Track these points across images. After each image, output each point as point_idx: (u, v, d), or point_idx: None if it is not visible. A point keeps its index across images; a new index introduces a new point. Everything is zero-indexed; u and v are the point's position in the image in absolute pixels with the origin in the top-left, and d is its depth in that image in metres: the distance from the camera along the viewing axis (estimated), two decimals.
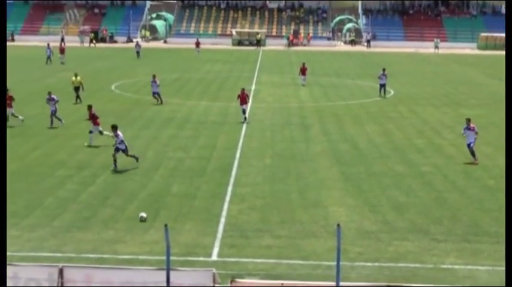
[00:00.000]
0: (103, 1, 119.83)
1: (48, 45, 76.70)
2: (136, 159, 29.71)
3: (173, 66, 74.31)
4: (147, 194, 25.64)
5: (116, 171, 28.66)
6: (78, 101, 46.43)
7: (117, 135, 29.18)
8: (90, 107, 34.88)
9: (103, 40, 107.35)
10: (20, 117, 38.51)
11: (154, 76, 47.72)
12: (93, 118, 34.13)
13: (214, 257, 19.51)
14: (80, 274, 15.76)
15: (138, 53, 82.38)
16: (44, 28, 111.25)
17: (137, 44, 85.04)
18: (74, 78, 47.31)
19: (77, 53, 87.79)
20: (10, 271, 15.57)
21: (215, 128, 38.69)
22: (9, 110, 37.72)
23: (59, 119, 38.06)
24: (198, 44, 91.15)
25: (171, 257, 15.23)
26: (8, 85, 39.24)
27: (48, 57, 74.11)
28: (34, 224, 21.91)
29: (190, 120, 41.09)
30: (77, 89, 46.93)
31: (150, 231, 21.49)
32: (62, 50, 75.69)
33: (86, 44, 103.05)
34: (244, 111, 40.28)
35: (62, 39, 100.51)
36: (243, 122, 39.67)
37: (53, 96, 38.64)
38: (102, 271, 15.92)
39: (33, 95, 49.09)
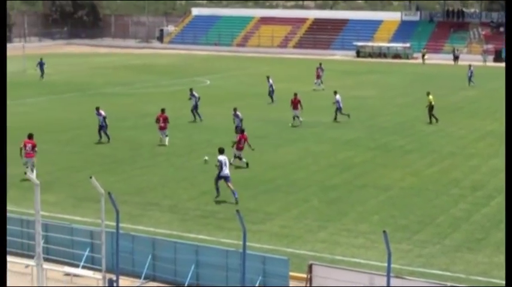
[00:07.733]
0: None
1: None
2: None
3: None
4: None
5: None
6: (434, 120, 44.36)
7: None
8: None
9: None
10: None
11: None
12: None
13: None
14: None
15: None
16: (447, 46, 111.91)
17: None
18: (429, 97, 45.34)
19: (478, 72, 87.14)
20: (399, 283, 15.89)
21: None
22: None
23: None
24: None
25: None
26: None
27: None
28: (425, 241, 22.11)
29: None
30: (431, 108, 44.74)
31: None
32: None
33: (489, 64, 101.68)
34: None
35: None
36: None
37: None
38: None
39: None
